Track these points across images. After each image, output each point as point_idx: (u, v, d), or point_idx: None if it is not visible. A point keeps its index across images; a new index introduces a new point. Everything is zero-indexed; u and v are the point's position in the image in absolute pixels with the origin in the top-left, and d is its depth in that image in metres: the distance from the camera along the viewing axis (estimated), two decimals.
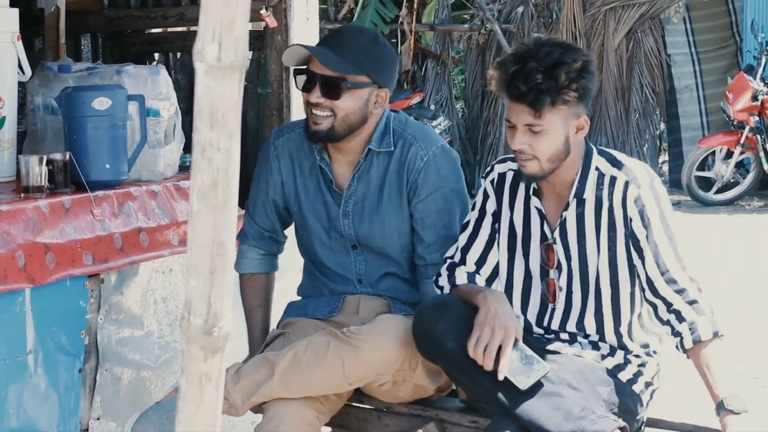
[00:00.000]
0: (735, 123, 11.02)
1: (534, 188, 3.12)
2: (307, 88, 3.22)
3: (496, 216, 3.20)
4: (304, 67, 3.24)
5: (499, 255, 3.20)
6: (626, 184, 3.01)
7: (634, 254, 3.01)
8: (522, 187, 3.15)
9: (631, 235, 3.01)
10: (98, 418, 3.56)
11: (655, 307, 3.01)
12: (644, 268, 2.99)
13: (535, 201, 3.13)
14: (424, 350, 3.08)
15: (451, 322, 3.01)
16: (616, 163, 3.06)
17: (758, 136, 10.94)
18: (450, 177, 3.27)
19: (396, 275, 3.34)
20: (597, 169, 3.06)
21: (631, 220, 3.00)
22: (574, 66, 2.92)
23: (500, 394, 2.96)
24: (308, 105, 3.22)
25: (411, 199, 3.26)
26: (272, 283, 3.53)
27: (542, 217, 3.12)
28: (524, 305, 3.18)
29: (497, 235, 3.20)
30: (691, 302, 2.95)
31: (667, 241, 2.98)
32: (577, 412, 2.89)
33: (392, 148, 3.26)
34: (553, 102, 2.91)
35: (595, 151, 3.08)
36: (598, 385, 3.01)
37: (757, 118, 10.91)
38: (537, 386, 2.93)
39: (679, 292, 2.96)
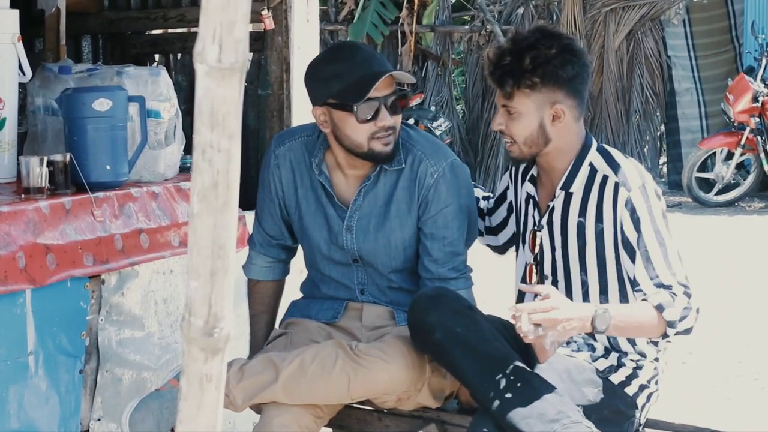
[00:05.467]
0: (735, 124, 11.02)
1: (532, 175, 3.17)
2: (374, 113, 3.13)
3: (511, 205, 3.31)
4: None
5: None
6: (616, 186, 3.01)
7: (624, 256, 3.01)
8: (527, 173, 3.20)
9: (622, 238, 3.00)
10: (99, 419, 3.56)
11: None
12: (634, 270, 2.98)
13: (527, 186, 3.19)
14: (415, 340, 3.10)
15: (442, 314, 3.02)
16: (612, 163, 3.06)
17: (759, 138, 10.94)
18: (460, 193, 3.26)
19: (400, 287, 3.33)
20: (591, 164, 3.08)
21: (621, 223, 3.00)
22: (544, 51, 2.96)
23: (480, 392, 2.98)
24: (377, 131, 3.14)
25: (421, 214, 3.24)
26: (281, 289, 3.51)
27: (535, 204, 3.15)
28: (521, 294, 3.21)
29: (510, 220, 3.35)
30: (670, 294, 2.90)
31: (657, 245, 2.96)
32: (552, 415, 2.89)
33: (403, 166, 3.24)
34: (516, 84, 2.99)
35: (594, 146, 3.10)
36: (584, 386, 3.02)
37: (757, 120, 10.91)
38: (518, 386, 2.93)
39: (666, 289, 2.93)
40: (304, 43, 4.47)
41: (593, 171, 3.06)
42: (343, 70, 3.14)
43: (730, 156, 11.04)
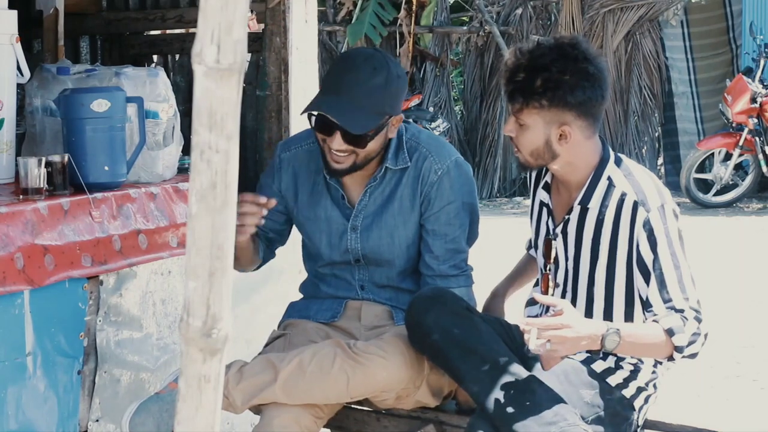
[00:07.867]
0: (734, 125, 11.04)
1: (546, 182, 3.16)
2: (327, 132, 3.15)
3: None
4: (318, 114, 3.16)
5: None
6: (635, 205, 2.96)
7: (638, 276, 2.96)
8: (541, 180, 3.20)
9: (637, 258, 2.96)
10: (97, 420, 3.56)
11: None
12: (647, 291, 2.93)
13: (542, 194, 3.17)
14: (413, 341, 3.11)
15: (439, 315, 3.02)
16: (631, 179, 3.01)
17: (757, 138, 10.96)
18: (463, 191, 3.27)
19: (400, 286, 3.34)
20: (609, 179, 3.02)
21: (638, 243, 2.95)
22: (556, 75, 2.93)
23: (477, 393, 2.98)
24: (325, 146, 3.17)
25: (423, 211, 3.25)
26: (257, 251, 3.39)
27: (549, 211, 3.14)
28: (532, 298, 3.21)
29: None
30: (681, 318, 2.87)
31: (672, 268, 2.90)
32: (549, 417, 2.88)
33: (408, 165, 3.25)
34: (525, 102, 2.97)
35: (612, 159, 3.05)
36: (581, 388, 3.01)
37: (755, 120, 10.93)
38: (515, 388, 2.93)
39: (678, 313, 2.90)
40: (303, 44, 4.47)
41: (611, 186, 3.01)
42: (324, 80, 3.20)
43: (728, 157, 11.05)
